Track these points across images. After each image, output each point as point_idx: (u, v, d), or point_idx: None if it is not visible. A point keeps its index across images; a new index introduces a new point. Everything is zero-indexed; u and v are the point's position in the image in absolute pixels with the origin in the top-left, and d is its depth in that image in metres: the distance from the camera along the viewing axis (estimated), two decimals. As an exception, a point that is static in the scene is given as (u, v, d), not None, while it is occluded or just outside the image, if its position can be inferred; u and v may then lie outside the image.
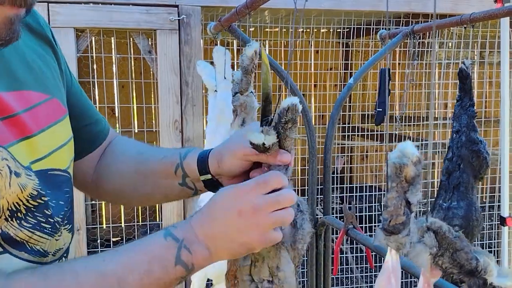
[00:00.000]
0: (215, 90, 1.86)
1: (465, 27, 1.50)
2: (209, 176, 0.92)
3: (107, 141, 1.04)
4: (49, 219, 0.76)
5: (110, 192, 1.03)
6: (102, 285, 0.68)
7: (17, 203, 0.70)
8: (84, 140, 0.97)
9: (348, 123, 4.41)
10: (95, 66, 3.24)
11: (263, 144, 0.79)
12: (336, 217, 1.80)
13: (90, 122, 0.99)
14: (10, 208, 0.70)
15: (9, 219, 0.70)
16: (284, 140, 0.82)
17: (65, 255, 0.83)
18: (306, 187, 1.86)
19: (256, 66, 1.24)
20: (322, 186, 1.86)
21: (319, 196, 1.86)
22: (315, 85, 4.28)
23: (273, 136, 0.80)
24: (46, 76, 0.82)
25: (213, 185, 0.93)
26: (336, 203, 3.77)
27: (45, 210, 0.74)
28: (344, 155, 4.32)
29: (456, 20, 1.50)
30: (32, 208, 0.73)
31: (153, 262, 0.72)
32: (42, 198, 0.74)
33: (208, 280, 2.09)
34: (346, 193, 3.71)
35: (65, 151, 0.83)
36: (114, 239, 3.85)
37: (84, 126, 0.97)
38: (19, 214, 0.71)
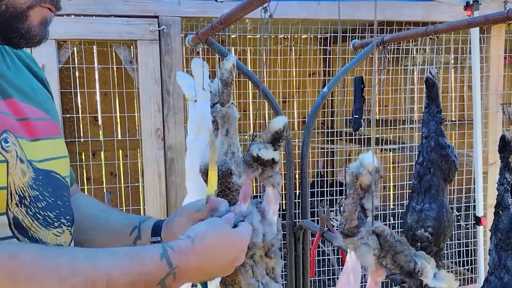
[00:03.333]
0: (195, 100, 1.91)
1: (430, 38, 1.58)
2: (158, 239, 1.04)
3: (73, 190, 1.09)
4: (41, 211, 0.82)
5: None
6: (92, 277, 0.72)
7: (22, 188, 0.78)
8: None
9: (332, 128, 4.50)
10: (77, 75, 3.27)
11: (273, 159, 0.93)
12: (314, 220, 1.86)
13: None
14: (18, 193, 0.78)
15: (19, 204, 0.78)
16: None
17: None
18: (284, 192, 1.93)
19: (234, 77, 1.31)
20: (300, 191, 1.93)
21: (297, 201, 1.92)
22: (297, 91, 4.36)
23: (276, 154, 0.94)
24: (47, 104, 0.95)
25: None
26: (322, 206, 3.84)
27: (37, 203, 0.82)
28: (320, 159, 4.39)
29: (422, 31, 1.58)
30: (33, 198, 0.81)
31: (142, 275, 0.77)
32: (35, 191, 0.81)
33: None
34: (327, 196, 3.78)
35: (63, 163, 0.93)
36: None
37: None
38: (25, 201, 0.79)
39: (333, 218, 3.67)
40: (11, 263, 0.65)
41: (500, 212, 1.42)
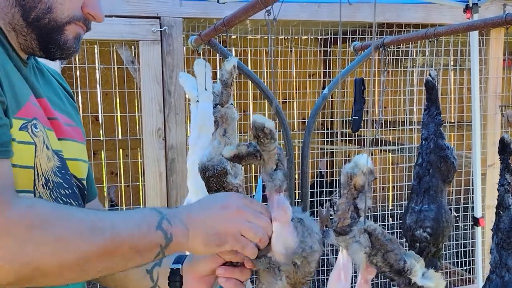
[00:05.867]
0: (197, 101, 1.93)
1: (430, 40, 1.60)
2: (179, 266, 1.00)
3: (94, 204, 1.13)
4: (64, 198, 0.91)
5: None
6: (97, 224, 0.78)
7: (47, 172, 0.87)
8: None
9: (331, 129, 4.52)
10: (78, 74, 3.29)
11: (236, 154, 0.90)
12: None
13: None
14: (44, 175, 0.86)
15: (45, 186, 0.86)
16: (263, 152, 0.90)
17: None
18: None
19: (234, 79, 1.33)
20: (300, 191, 1.95)
21: (297, 201, 1.94)
22: (297, 92, 4.38)
23: (235, 149, 0.91)
24: (75, 114, 1.07)
25: (175, 280, 0.99)
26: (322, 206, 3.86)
27: (60, 189, 0.90)
28: (323, 159, 4.42)
29: (422, 34, 1.60)
30: (56, 184, 0.89)
31: (142, 220, 0.83)
32: (59, 178, 0.91)
33: None
34: (326, 196, 3.80)
35: (83, 166, 1.01)
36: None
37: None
38: (50, 184, 0.88)
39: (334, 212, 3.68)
40: (29, 211, 0.74)
41: (501, 212, 1.45)
